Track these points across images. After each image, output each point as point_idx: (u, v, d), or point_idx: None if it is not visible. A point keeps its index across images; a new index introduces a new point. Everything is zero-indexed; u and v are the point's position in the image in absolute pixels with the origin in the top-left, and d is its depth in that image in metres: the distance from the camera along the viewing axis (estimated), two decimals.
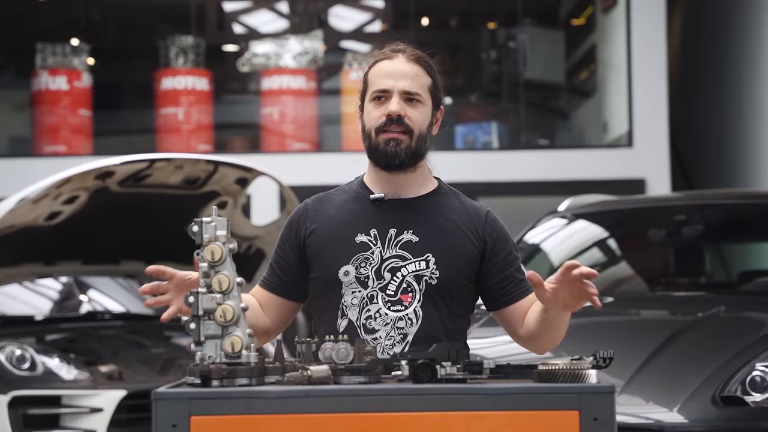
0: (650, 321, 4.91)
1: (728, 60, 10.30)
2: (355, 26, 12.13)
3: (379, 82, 2.67)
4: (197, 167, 5.80)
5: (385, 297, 2.63)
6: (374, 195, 2.70)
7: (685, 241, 5.79)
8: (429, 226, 2.67)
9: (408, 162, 2.66)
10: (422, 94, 2.67)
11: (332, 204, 2.74)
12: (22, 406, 5.62)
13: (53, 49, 10.45)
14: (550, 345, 2.70)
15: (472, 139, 10.53)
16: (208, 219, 2.33)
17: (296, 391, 2.17)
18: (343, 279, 2.64)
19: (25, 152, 10.61)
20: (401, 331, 2.62)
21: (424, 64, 2.70)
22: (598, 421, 2.14)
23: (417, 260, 2.64)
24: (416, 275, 2.63)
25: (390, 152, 2.64)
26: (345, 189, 2.77)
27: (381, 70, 2.69)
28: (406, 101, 2.65)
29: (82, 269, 6.61)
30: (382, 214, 2.68)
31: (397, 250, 2.65)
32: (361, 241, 2.66)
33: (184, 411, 2.15)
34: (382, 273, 2.64)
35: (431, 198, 2.72)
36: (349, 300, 2.64)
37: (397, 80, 2.65)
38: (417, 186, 2.72)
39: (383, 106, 2.65)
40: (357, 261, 2.65)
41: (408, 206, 2.70)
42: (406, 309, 2.62)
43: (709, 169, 10.84)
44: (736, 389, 3.87)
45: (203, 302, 2.28)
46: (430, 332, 2.61)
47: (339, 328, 2.64)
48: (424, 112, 2.68)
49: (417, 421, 2.16)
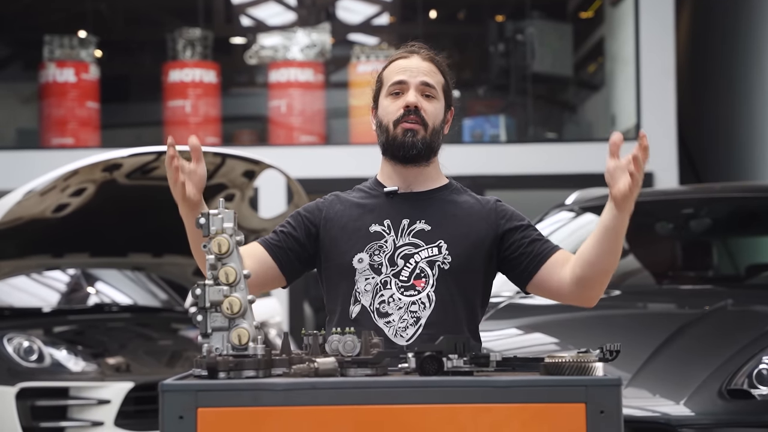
0: (657, 314, 4.91)
1: (737, 52, 10.27)
2: (363, 19, 12.12)
3: (396, 76, 2.75)
4: (205, 160, 5.80)
5: (398, 282, 2.67)
6: (388, 188, 2.77)
7: (692, 235, 5.79)
8: (441, 216, 2.73)
9: (423, 153, 2.73)
10: (438, 89, 2.76)
11: (347, 199, 2.81)
12: (29, 398, 5.63)
13: (61, 42, 10.46)
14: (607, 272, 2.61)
15: (480, 132, 10.52)
16: (216, 211, 2.33)
17: (303, 383, 2.17)
18: (357, 266, 2.69)
19: (33, 144, 10.63)
20: (414, 315, 2.66)
21: (438, 64, 2.79)
22: (604, 413, 2.14)
23: (429, 247, 2.69)
24: (429, 261, 2.68)
25: (408, 143, 2.70)
26: (359, 188, 2.85)
27: (397, 66, 2.78)
28: (423, 95, 2.73)
29: (90, 261, 6.63)
30: (396, 205, 2.75)
31: (410, 239, 2.70)
32: (375, 230, 2.72)
33: (191, 403, 2.15)
34: (396, 260, 2.69)
35: (442, 192, 2.79)
36: (363, 286, 2.68)
37: (414, 74, 2.74)
38: (429, 180, 2.79)
39: (400, 99, 2.73)
40: (371, 249, 2.70)
41: (420, 198, 2.76)
42: (419, 293, 2.66)
43: (717, 163, 10.83)
44: (742, 382, 3.87)
45: (210, 294, 2.28)
46: (443, 316, 2.65)
47: (351, 314, 2.68)
48: (438, 108, 2.76)
49: (423, 414, 2.16)
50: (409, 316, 2.65)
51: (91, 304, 7.19)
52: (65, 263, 6.58)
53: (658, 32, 9.92)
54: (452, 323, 2.65)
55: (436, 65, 2.78)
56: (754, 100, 9.71)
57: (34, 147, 10.51)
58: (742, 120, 10.07)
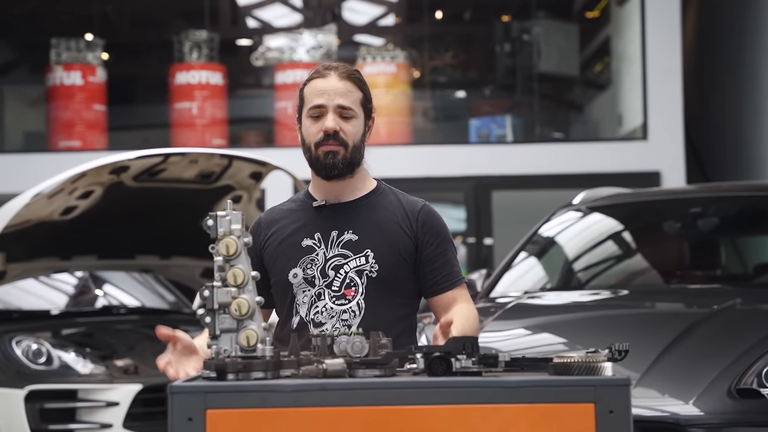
0: (665, 314, 4.90)
1: (744, 51, 10.26)
2: (369, 20, 12.12)
3: (315, 99, 2.85)
4: (212, 161, 5.81)
5: (330, 293, 2.83)
6: (316, 202, 2.90)
7: (700, 234, 5.77)
8: (367, 225, 2.87)
9: (345, 171, 2.86)
10: (355, 108, 2.86)
11: (281, 215, 2.96)
12: (38, 400, 5.64)
13: (68, 45, 10.47)
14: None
15: (487, 132, 10.52)
16: (223, 213, 2.34)
17: (311, 384, 2.18)
18: (293, 281, 2.85)
19: (40, 147, 10.64)
20: (345, 323, 2.81)
21: (355, 80, 2.89)
22: (613, 413, 2.14)
23: (357, 257, 2.85)
24: (357, 270, 2.83)
25: (329, 164, 2.84)
26: (293, 199, 3.01)
27: (315, 87, 2.87)
28: (341, 116, 2.84)
29: (98, 264, 6.63)
30: (325, 218, 2.89)
31: (339, 250, 2.86)
32: (306, 245, 2.87)
33: (200, 404, 2.15)
34: (327, 271, 2.84)
35: (369, 198, 2.93)
36: (301, 299, 2.85)
37: (332, 97, 2.85)
38: (356, 189, 2.92)
39: (320, 122, 2.84)
40: (304, 263, 2.86)
41: (347, 209, 2.90)
42: (349, 302, 2.83)
43: (725, 161, 10.81)
44: (752, 382, 3.85)
45: (218, 296, 2.28)
46: (373, 321, 2.76)
47: (292, 325, 2.83)
48: (357, 125, 2.87)
49: (432, 414, 2.16)
50: (340, 324, 2.81)
51: (99, 306, 7.20)
52: (73, 266, 6.58)
53: (665, 31, 9.90)
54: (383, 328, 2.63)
55: (353, 81, 2.87)
56: (762, 98, 9.69)
57: (42, 150, 10.53)
58: (750, 118, 10.06)
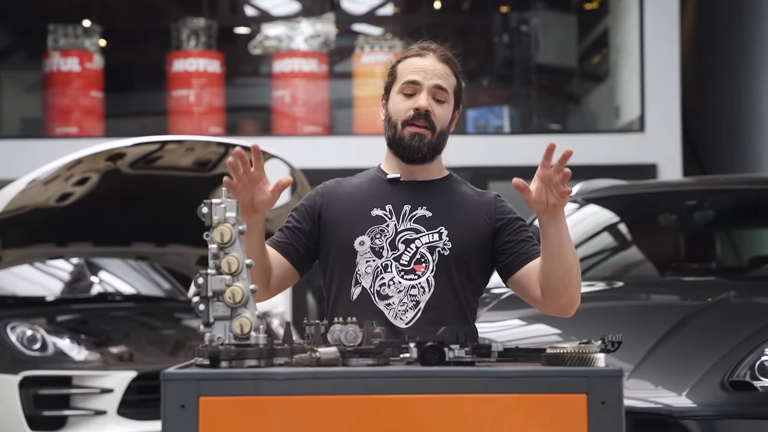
0: (660, 306, 4.91)
1: (742, 44, 10.26)
2: (367, 9, 12.09)
3: (411, 75, 2.76)
4: (208, 149, 5.81)
5: (399, 266, 2.72)
6: (390, 175, 2.81)
7: (696, 227, 5.78)
8: (442, 203, 2.78)
9: (428, 156, 2.78)
10: (449, 92, 2.79)
11: (349, 184, 2.85)
12: (33, 387, 5.64)
13: (65, 31, 10.45)
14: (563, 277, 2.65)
15: (484, 123, 10.51)
16: (218, 201, 2.34)
17: (305, 372, 2.18)
18: (359, 248, 2.73)
19: (37, 134, 10.63)
20: (414, 298, 2.70)
21: (453, 65, 2.81)
22: (605, 404, 2.14)
23: (430, 232, 2.74)
24: (429, 246, 2.73)
25: (414, 146, 2.75)
26: (362, 174, 2.89)
27: (412, 64, 2.79)
28: (434, 98, 2.76)
29: (93, 251, 6.63)
30: (398, 192, 2.79)
31: (411, 224, 2.75)
32: (376, 214, 2.76)
33: (193, 392, 2.15)
34: (397, 244, 2.73)
35: (444, 181, 2.84)
36: (363, 269, 2.73)
37: (429, 77, 2.76)
38: (431, 173, 2.84)
39: (412, 99, 2.76)
40: (372, 232, 2.74)
41: (422, 186, 2.81)
42: (419, 278, 2.71)
43: (721, 154, 10.81)
44: (745, 374, 3.87)
45: (212, 283, 2.28)
46: (442, 301, 2.69)
47: (352, 296, 2.72)
48: (447, 111, 2.80)
49: (425, 404, 2.16)
50: (409, 299, 2.70)
51: (95, 293, 7.20)
52: (69, 252, 6.58)
53: (663, 23, 9.89)
54: (450, 308, 2.70)
55: (450, 66, 2.80)
56: (759, 91, 9.69)
57: (38, 136, 10.51)
58: (747, 111, 10.06)
